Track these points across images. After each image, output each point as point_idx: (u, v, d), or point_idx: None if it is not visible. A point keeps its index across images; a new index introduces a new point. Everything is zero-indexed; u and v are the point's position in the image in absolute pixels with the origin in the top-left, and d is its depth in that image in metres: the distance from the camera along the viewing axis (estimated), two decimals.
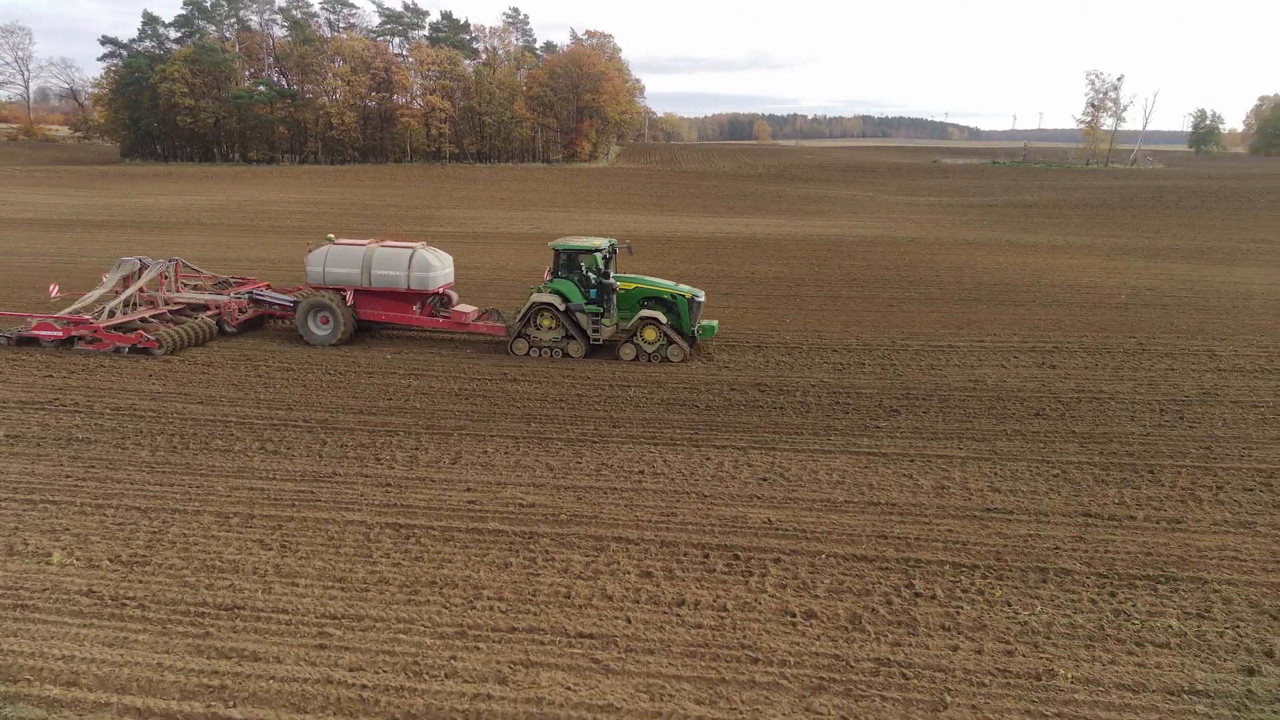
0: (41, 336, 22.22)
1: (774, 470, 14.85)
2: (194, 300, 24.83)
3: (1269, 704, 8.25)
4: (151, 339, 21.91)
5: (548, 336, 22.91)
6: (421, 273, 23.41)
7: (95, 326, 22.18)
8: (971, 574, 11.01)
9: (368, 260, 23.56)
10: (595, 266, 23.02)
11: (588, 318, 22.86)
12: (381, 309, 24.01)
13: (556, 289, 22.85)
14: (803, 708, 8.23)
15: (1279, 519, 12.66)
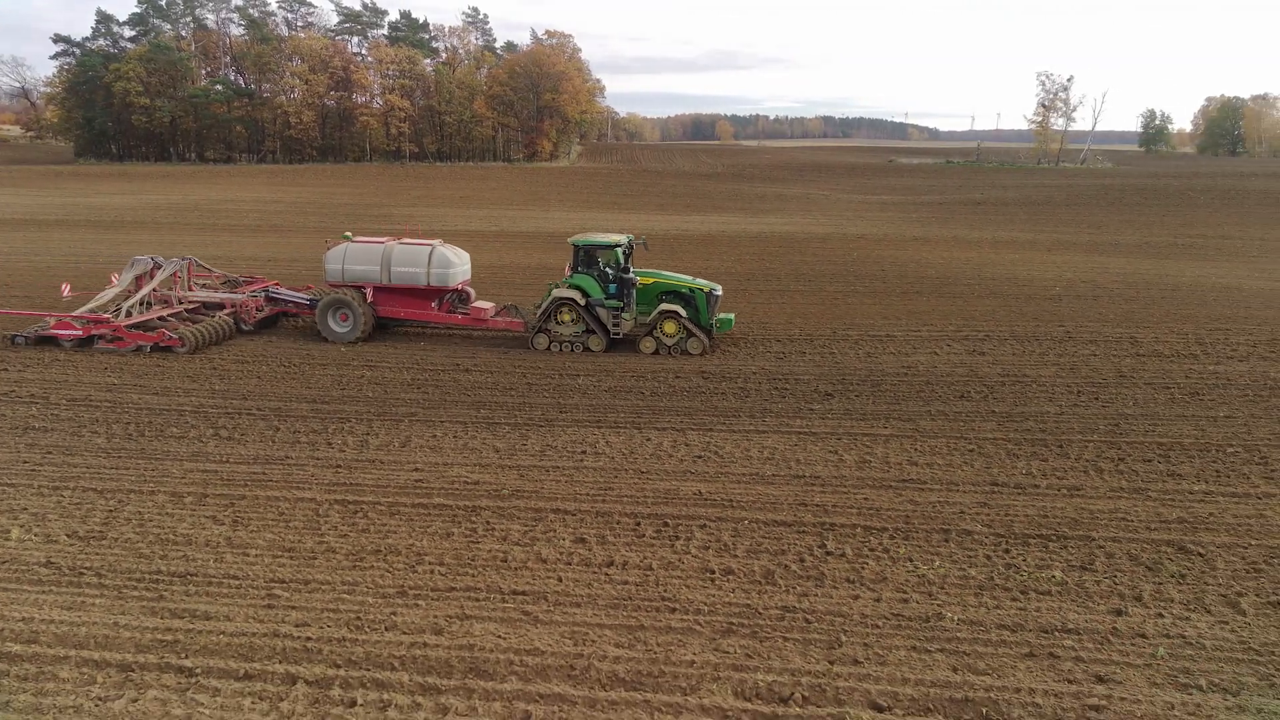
0: (61, 336, 22.18)
1: (709, 449, 15.64)
2: (209, 299, 24.89)
3: (1130, 639, 9.19)
4: (174, 337, 22.01)
5: (568, 331, 23.29)
6: (441, 269, 23.61)
7: (116, 325, 22.18)
8: (880, 535, 11.89)
9: (387, 257, 23.67)
10: (614, 262, 23.55)
11: (608, 312, 23.35)
12: (400, 306, 24.18)
13: (577, 284, 23.29)
14: (712, 648, 9.02)
15: (1170, 486, 13.68)
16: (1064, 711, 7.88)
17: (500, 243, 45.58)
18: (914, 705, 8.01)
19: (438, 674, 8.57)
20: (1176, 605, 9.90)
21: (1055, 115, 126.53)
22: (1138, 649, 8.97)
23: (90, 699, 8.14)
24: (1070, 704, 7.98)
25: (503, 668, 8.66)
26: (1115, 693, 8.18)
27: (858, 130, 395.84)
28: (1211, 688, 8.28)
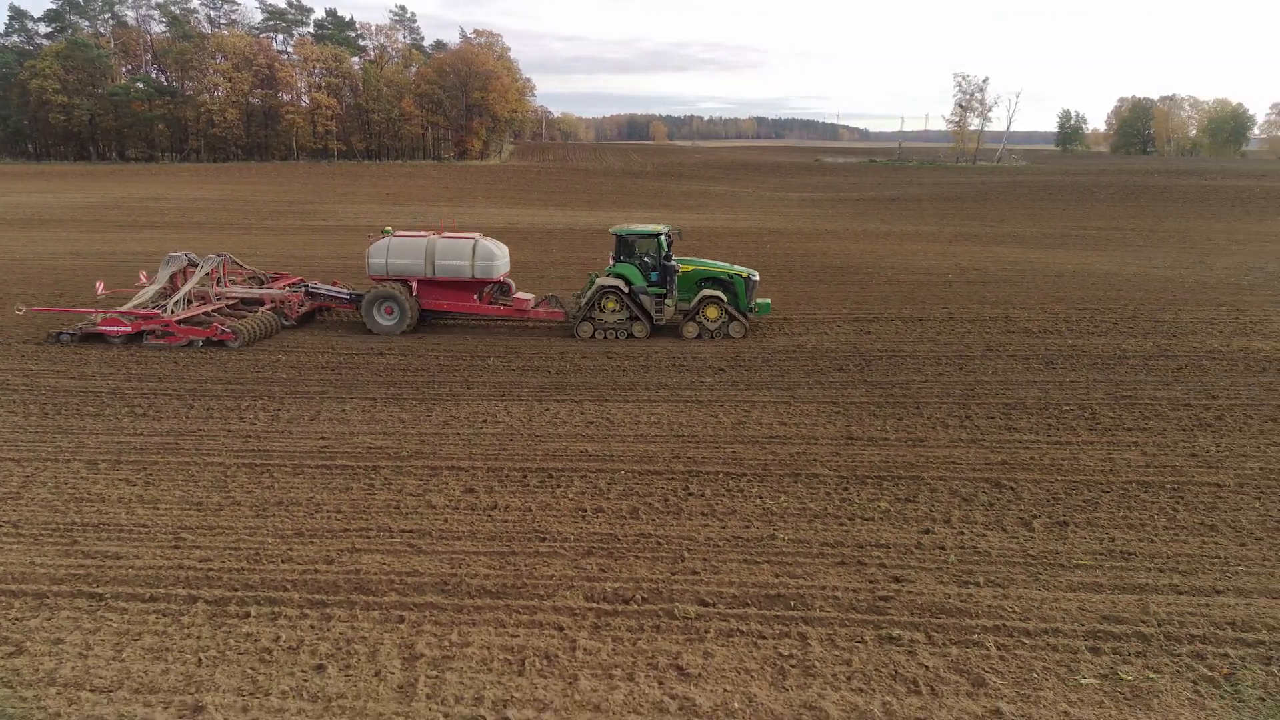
0: (109, 333, 22.30)
1: (602, 416, 16.95)
2: (247, 295, 25.16)
3: (930, 550, 10.75)
4: (228, 331, 22.25)
5: (612, 319, 24.16)
6: (485, 261, 24.11)
7: (167, 321, 22.37)
8: (739, 480, 13.33)
9: (431, 251, 24.14)
10: (655, 250, 24.55)
11: (651, 299, 24.29)
12: (443, 298, 24.67)
13: (619, 273, 24.20)
14: (572, 566, 10.34)
15: (1004, 437, 15.40)
16: (858, 600, 9.37)
17: None
18: (734, 600, 9.42)
19: (325, 592, 9.73)
20: (978, 526, 11.51)
21: (972, 115, 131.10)
22: (934, 558, 10.53)
23: (8, 619, 9.11)
24: (865, 596, 9.48)
25: (384, 586, 9.86)
26: (905, 588, 9.71)
27: (790, 131, 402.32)
28: (987, 583, 9.86)
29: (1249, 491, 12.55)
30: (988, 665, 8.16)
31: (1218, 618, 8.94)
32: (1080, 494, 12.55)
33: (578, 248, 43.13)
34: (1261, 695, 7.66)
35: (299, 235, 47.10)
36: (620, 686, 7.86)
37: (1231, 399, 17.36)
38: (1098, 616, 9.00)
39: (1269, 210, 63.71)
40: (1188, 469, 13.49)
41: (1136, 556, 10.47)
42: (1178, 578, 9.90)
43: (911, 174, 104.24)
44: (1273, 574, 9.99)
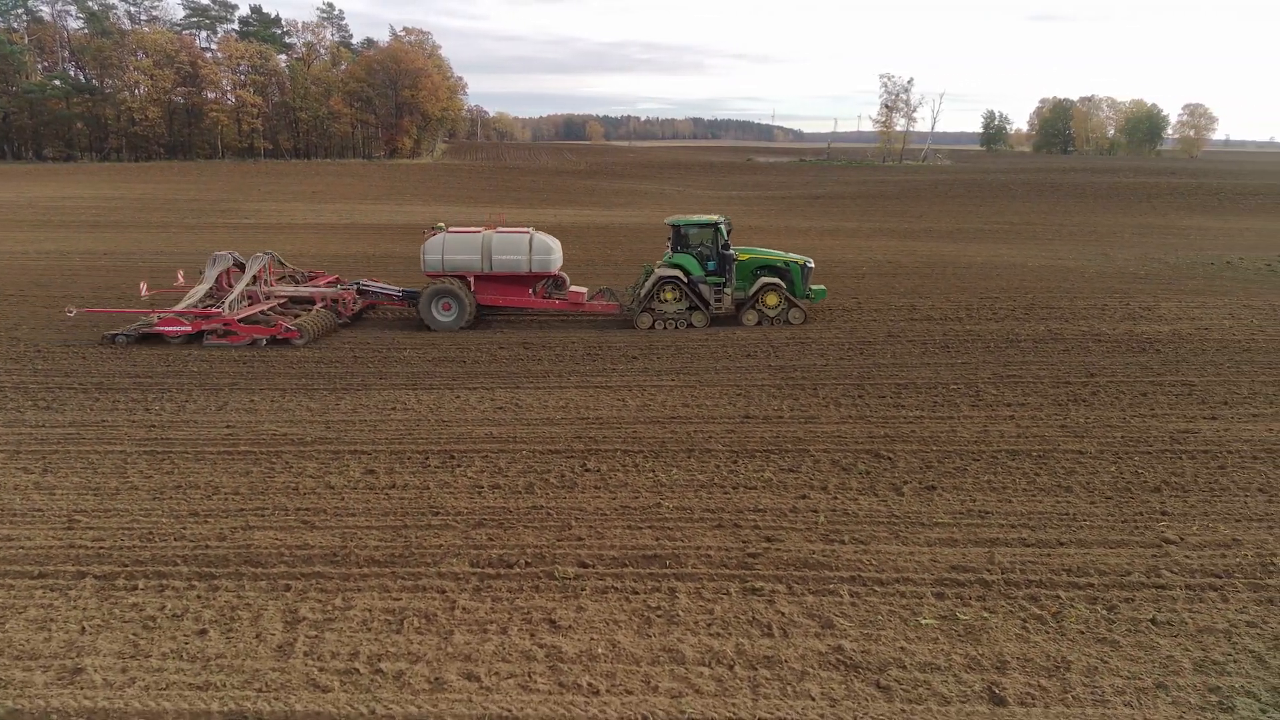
0: (168, 333, 21.88)
1: (511, 402, 17.31)
2: (297, 294, 24.80)
3: (804, 514, 11.38)
4: (293, 329, 21.93)
5: (671, 309, 24.36)
6: (543, 255, 24.07)
7: (230, 319, 22.00)
8: (636, 456, 13.83)
9: (487, 246, 23.98)
10: (709, 240, 24.76)
11: (710, 288, 24.54)
12: (499, 293, 24.54)
13: (678, 263, 24.40)
14: (461, 537, 10.72)
15: (890, 414, 16.16)
16: (729, 558, 9.94)
17: (349, 234, 46.23)
18: (613, 562, 9.92)
19: (214, 566, 9.97)
20: (852, 491, 12.19)
21: (898, 115, 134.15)
22: (807, 520, 11.17)
23: None
24: (736, 554, 10.05)
25: (274, 558, 10.12)
26: (775, 546, 10.31)
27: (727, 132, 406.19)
28: (851, 540, 10.51)
29: (1107, 457, 13.46)
30: (839, 610, 8.78)
31: (1056, 565, 9.70)
32: (952, 462, 13.33)
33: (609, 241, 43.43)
34: (1081, 629, 8.40)
35: (219, 233, 46.39)
36: (493, 639, 8.29)
37: (1109, 377, 18.43)
38: (947, 567, 9.70)
39: (1175, 206, 66.71)
40: (1055, 438, 14.39)
41: (993, 515, 11.23)
42: (1027, 532, 10.68)
43: (839, 173, 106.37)
44: (1114, 528, 10.82)
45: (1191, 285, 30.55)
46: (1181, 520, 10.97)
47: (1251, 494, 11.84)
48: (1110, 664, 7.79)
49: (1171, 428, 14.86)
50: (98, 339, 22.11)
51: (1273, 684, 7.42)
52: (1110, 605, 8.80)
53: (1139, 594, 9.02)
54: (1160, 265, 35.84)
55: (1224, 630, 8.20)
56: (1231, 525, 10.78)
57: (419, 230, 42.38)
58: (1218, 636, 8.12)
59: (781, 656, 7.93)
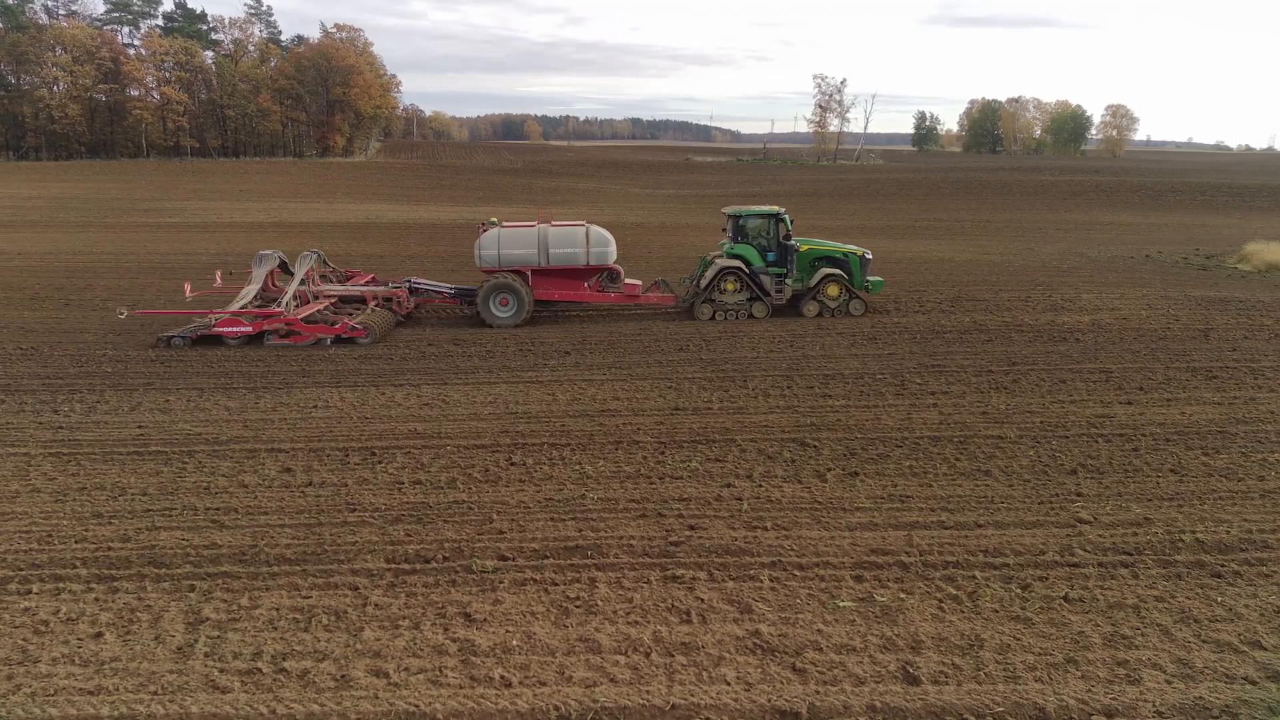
0: (228, 334, 21.28)
1: (439, 398, 16.99)
2: (348, 293, 24.19)
3: (728, 502, 11.33)
4: (359, 328, 21.40)
5: (732, 300, 24.18)
6: (600, 248, 23.64)
7: (292, 319, 21.37)
8: (563, 450, 13.66)
9: (544, 239, 23.53)
10: (772, 230, 24.51)
11: (771, 279, 24.32)
12: (554, 288, 24.16)
13: (739, 254, 24.13)
14: (378, 533, 10.43)
15: (817, 403, 16.25)
16: (651, 547, 9.83)
17: (276, 232, 45.19)
18: (534, 554, 9.74)
19: (115, 568, 9.53)
20: (776, 479, 12.19)
21: (832, 116, 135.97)
22: (730, 507, 11.12)
23: None
24: (658, 543, 9.95)
25: (179, 559, 9.72)
26: (698, 534, 10.24)
27: (665, 132, 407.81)
28: (774, 527, 10.49)
29: (1026, 442, 13.69)
30: (758, 595, 8.73)
31: (973, 547, 9.80)
32: (875, 449, 13.43)
33: (437, 241, 42.84)
34: (995, 608, 8.47)
35: (139, 233, 45.00)
36: (404, 635, 8.05)
37: (1030, 365, 18.80)
38: (866, 550, 9.73)
39: (1098, 202, 68.73)
40: (976, 424, 14.60)
41: (913, 499, 11.32)
42: (946, 515, 10.78)
43: (775, 172, 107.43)
44: (1030, 509, 10.98)
45: (1112, 278, 31.43)
46: (1096, 501, 11.18)
47: (1163, 474, 12.13)
48: (1023, 641, 7.86)
49: (1089, 413, 15.19)
50: (150, 341, 21.51)
51: (1178, 656, 7.56)
52: (1024, 584, 8.90)
53: (1053, 573, 9.15)
54: (1082, 259, 36.83)
55: (1133, 605, 8.35)
56: (1144, 505, 11.02)
57: (349, 228, 42.06)
58: (1127, 612, 8.26)
59: (699, 642, 7.85)
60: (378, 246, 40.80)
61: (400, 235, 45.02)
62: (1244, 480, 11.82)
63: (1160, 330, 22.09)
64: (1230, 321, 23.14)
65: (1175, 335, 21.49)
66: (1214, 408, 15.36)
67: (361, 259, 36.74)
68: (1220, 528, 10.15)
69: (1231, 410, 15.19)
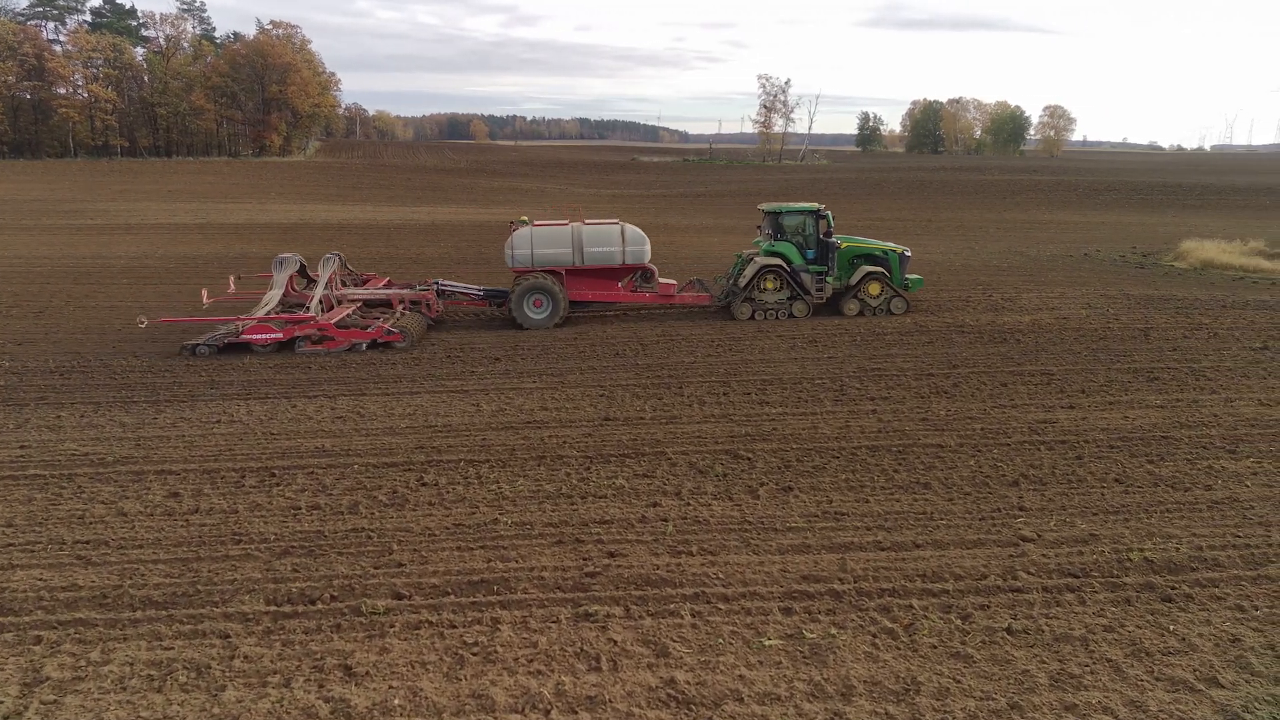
0: (257, 340, 20.31)
1: (354, 411, 15.92)
2: (373, 296, 23.34)
3: (653, 523, 10.52)
4: (396, 332, 20.65)
5: (772, 298, 23.47)
6: (636, 246, 22.97)
7: (325, 324, 20.49)
8: (480, 467, 12.72)
9: (578, 238, 22.89)
10: (811, 227, 23.80)
11: (811, 277, 23.53)
12: (588, 288, 23.57)
13: (779, 251, 23.33)
14: (264, 568, 9.41)
15: (754, 411, 15.52)
16: (564, 579, 8.96)
17: (203, 234, 43.52)
18: (433, 591, 8.80)
19: None
20: (706, 496, 11.40)
21: (777, 116, 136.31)
22: (655, 530, 10.30)
23: None
24: (573, 574, 9.08)
25: (31, 604, 8.61)
26: (617, 562, 9.39)
27: (614, 132, 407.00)
28: (700, 551, 9.69)
29: (967, 451, 13.10)
30: (677, 634, 7.91)
31: (910, 570, 9.10)
32: (811, 460, 12.73)
33: (371, 242, 41.56)
34: (934, 643, 7.76)
35: (59, 235, 42.92)
36: (271, 694, 7.07)
37: (971, 368, 18.31)
38: (797, 577, 8.98)
39: (1037, 201, 69.49)
40: (916, 432, 13.99)
41: (848, 516, 10.61)
42: (883, 534, 10.08)
43: (721, 172, 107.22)
44: (971, 526, 10.34)
45: (1052, 277, 31.34)
46: (1039, 516, 10.59)
47: (1108, 485, 11.60)
48: (963, 683, 7.15)
49: (1030, 418, 14.69)
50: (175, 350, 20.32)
51: (1131, 698, 6.91)
52: (965, 614, 8.21)
53: (995, 599, 8.48)
54: (1022, 258, 36.81)
55: (1081, 638, 7.69)
56: (1088, 519, 10.45)
57: (279, 229, 40.51)
58: (1075, 645, 7.59)
59: (606, 695, 6.99)
60: (309, 248, 39.29)
61: (333, 236, 43.52)
62: (1191, 490, 11.33)
63: (1101, 330, 21.83)
64: (1169, 320, 22.99)
65: (1116, 335, 21.23)
66: (1157, 411, 14.97)
67: None
68: (1169, 544, 9.60)
69: (1174, 414, 14.80)
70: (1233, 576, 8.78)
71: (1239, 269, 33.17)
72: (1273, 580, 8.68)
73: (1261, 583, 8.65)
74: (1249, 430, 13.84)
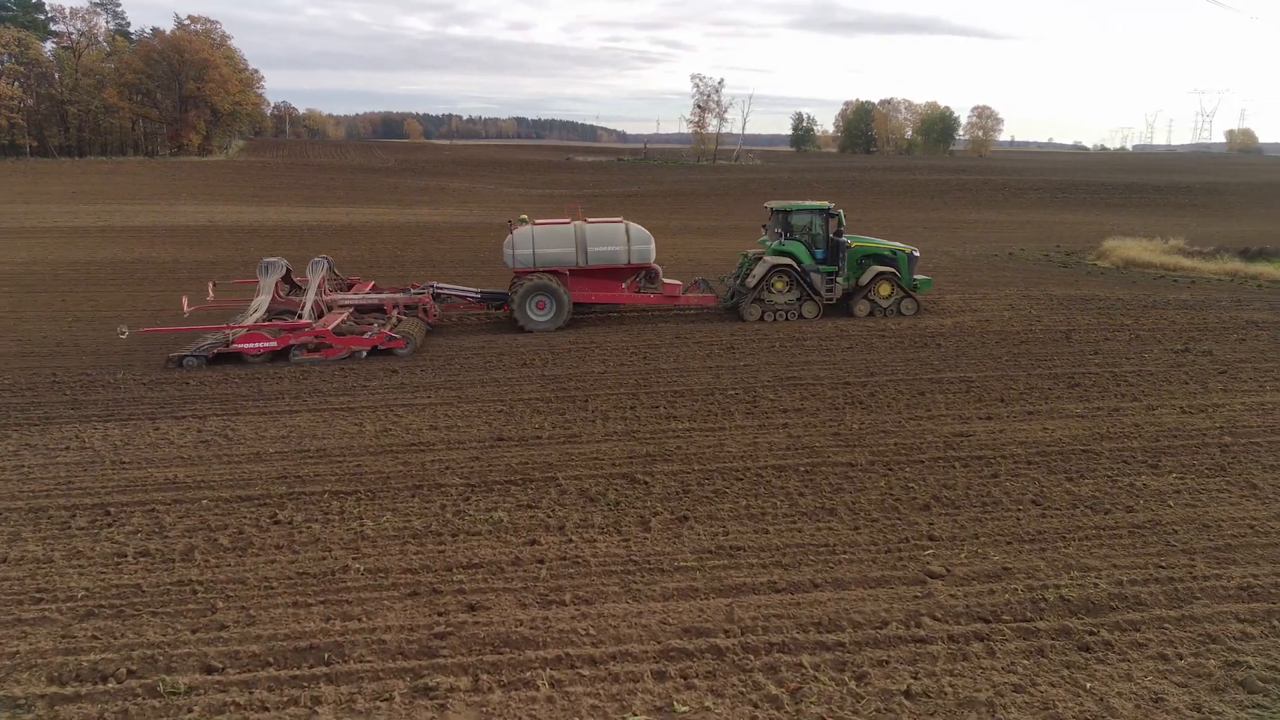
0: (250, 350, 19.13)
1: (223, 434, 14.48)
2: (364, 301, 22.31)
3: (527, 565, 9.36)
4: (398, 338, 19.69)
5: (782, 299, 22.76)
6: (641, 245, 22.35)
7: (322, 331, 19.39)
8: (346, 499, 11.42)
9: (582, 237, 22.18)
10: (820, 226, 23.05)
11: (821, 277, 22.68)
12: (591, 289, 22.84)
13: (788, 250, 22.40)
14: (60, 634, 8.02)
15: (660, 427, 14.46)
16: (408, 643, 7.75)
17: (102, 238, 41.18)
18: (251, 660, 7.52)
19: None
20: (593, 530, 10.29)
21: (710, 116, 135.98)
22: (527, 574, 9.14)
23: None
24: (420, 635, 7.88)
25: None
26: (475, 617, 8.21)
27: (551, 132, 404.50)
28: (574, 600, 8.56)
29: (878, 469, 12.22)
30: (529, 712, 6.76)
31: (805, 618, 8.09)
32: (713, 484, 11.71)
33: (281, 245, 39.62)
34: (823, 713, 6.74)
35: None
36: None
37: (888, 375, 17.54)
38: (678, 630, 7.91)
39: (964, 201, 70.04)
40: (826, 449, 13.07)
41: (744, 552, 9.59)
42: (779, 573, 9.07)
43: (655, 172, 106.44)
44: (875, 560, 9.40)
45: (976, 276, 31.01)
46: (950, 546, 9.69)
47: (1024, 507, 10.78)
48: None
49: (947, 430, 13.89)
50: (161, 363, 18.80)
51: None
52: (860, 673, 7.21)
53: (895, 653, 7.50)
54: (948, 257, 36.52)
55: (987, 702, 6.71)
56: (1002, 549, 9.58)
57: (186, 232, 38.73)
58: (980, 712, 6.63)
59: None
60: (211, 251, 37.32)
61: (241, 239, 41.50)
62: (1111, 512, 10.57)
63: (1022, 333, 21.30)
64: (1091, 322, 22.60)
65: (1037, 338, 20.70)
66: (1077, 421, 14.29)
67: (190, 265, 33.42)
68: (1088, 578, 8.76)
69: (1095, 424, 14.13)
70: (1155, 618, 7.95)
71: (1159, 267, 33.28)
72: (1197, 621, 7.88)
73: (1186, 624, 7.83)
74: (1171, 441, 13.22)
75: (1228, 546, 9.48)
